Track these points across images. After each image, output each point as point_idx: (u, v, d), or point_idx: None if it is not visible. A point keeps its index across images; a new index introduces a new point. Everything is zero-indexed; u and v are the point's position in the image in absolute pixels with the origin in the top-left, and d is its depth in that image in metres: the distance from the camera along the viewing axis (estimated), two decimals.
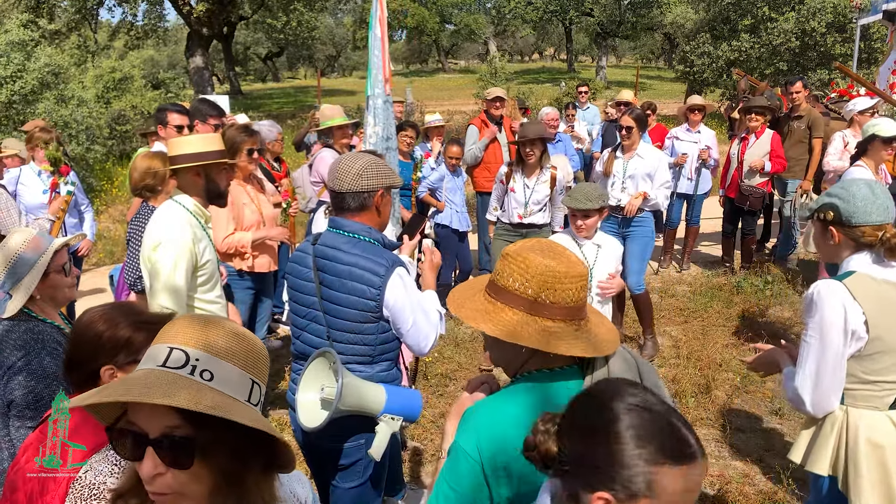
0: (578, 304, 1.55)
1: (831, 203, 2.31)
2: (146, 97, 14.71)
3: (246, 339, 1.22)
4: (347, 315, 2.47)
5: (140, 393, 1.07)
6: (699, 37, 20.28)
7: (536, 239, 1.63)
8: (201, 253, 3.01)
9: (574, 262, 1.55)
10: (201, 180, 3.04)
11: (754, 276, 7.03)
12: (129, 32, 25.13)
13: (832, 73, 16.90)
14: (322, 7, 30.25)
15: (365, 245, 2.48)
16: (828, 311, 2.22)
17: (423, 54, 51.86)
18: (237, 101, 25.11)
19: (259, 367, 1.22)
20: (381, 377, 2.53)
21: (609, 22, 34.02)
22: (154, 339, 1.20)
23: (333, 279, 2.47)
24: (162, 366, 1.13)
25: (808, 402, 2.28)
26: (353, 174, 2.48)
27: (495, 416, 1.50)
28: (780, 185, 7.57)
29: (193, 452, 1.11)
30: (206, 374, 1.14)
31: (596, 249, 3.83)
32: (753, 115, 6.91)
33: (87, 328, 1.78)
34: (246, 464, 1.17)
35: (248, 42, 42.75)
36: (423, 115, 17.38)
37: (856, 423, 2.27)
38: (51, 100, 10.95)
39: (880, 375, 2.26)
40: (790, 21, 17.94)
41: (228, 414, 1.09)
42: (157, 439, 1.10)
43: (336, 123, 5.32)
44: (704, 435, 4.32)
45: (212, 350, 1.16)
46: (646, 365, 1.62)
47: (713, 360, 5.25)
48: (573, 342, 1.52)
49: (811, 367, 2.26)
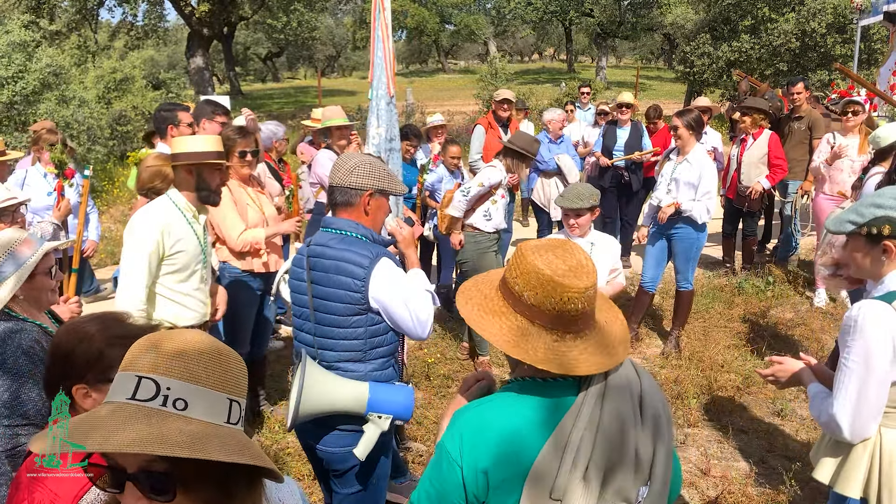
0: (562, 315, 1.46)
1: (887, 216, 2.12)
2: (147, 97, 14.70)
3: (219, 354, 1.15)
4: (335, 310, 2.48)
5: (102, 440, 1.02)
6: (699, 37, 20.27)
7: (559, 239, 1.56)
8: (171, 244, 3.18)
9: (573, 270, 1.45)
10: (192, 178, 3.21)
11: (755, 277, 7.04)
12: (129, 33, 25.13)
13: (832, 74, 16.91)
14: (322, 7, 30.29)
15: (352, 240, 2.52)
16: (874, 335, 2.06)
17: (422, 55, 51.86)
18: (238, 102, 25.08)
19: (236, 383, 1.15)
20: (374, 376, 2.52)
21: (609, 22, 34.03)
22: (122, 363, 1.13)
23: (321, 275, 2.51)
24: (131, 399, 1.07)
25: (846, 430, 2.14)
26: (346, 169, 2.54)
27: (478, 423, 1.48)
28: (780, 187, 7.57)
29: (175, 486, 1.07)
30: (180, 402, 1.08)
31: (590, 247, 3.88)
32: (740, 117, 6.93)
33: (58, 344, 1.71)
34: (230, 489, 1.13)
35: (248, 42, 42.76)
36: (424, 115, 17.40)
37: (891, 444, 2.15)
38: (52, 100, 10.95)
39: None
40: (790, 22, 17.95)
41: (205, 451, 1.03)
42: (135, 474, 1.06)
43: (335, 123, 5.33)
44: (707, 436, 4.33)
45: (183, 375, 1.09)
46: (651, 387, 1.52)
47: (715, 361, 5.26)
48: (538, 351, 1.45)
49: (852, 394, 2.11)
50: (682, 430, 4.41)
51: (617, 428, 1.43)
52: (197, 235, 3.31)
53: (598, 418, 1.42)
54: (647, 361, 5.46)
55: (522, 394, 1.49)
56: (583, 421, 1.42)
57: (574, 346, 1.46)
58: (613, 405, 1.44)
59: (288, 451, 4.17)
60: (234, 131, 4.14)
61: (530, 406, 1.47)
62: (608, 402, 1.44)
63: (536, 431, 1.43)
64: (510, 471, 1.42)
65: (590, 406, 1.43)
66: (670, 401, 4.73)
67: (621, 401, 1.45)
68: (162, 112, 4.45)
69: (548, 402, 1.47)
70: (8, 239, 2.40)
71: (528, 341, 1.46)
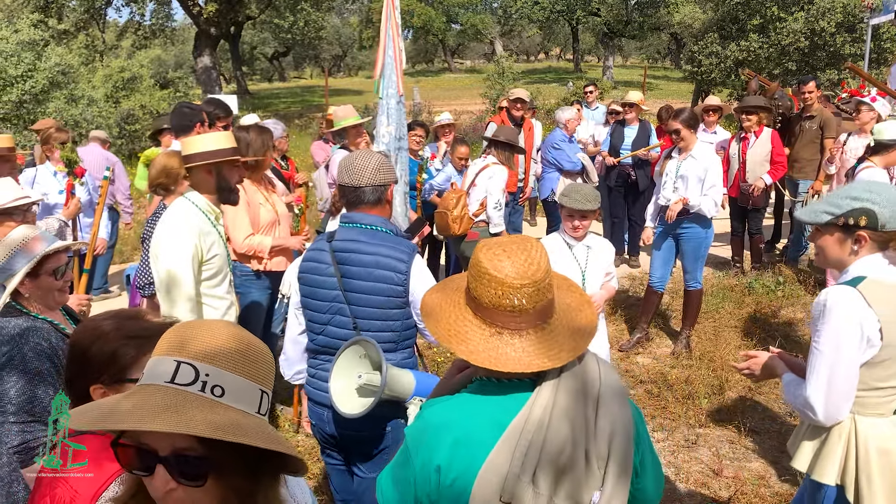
0: (499, 310, 1.43)
1: (864, 208, 2.17)
2: (155, 97, 14.76)
3: (253, 346, 1.17)
4: (374, 303, 2.56)
5: (154, 421, 1.03)
6: (707, 36, 20.19)
7: (517, 236, 1.55)
8: (207, 248, 3.09)
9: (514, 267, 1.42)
10: (212, 177, 3.13)
11: (766, 277, 7.00)
12: (136, 32, 25.21)
13: (842, 74, 16.82)
14: (329, 7, 30.30)
15: (383, 235, 2.60)
16: (842, 318, 2.13)
17: (428, 54, 51.85)
18: (244, 101, 25.14)
19: (267, 376, 1.18)
20: (404, 363, 2.60)
21: (616, 22, 33.94)
22: (154, 349, 1.14)
23: (359, 270, 2.56)
24: (170, 382, 1.08)
25: (819, 412, 2.19)
26: (372, 168, 2.61)
27: (437, 420, 1.49)
28: (791, 186, 7.54)
29: (207, 471, 1.08)
30: (217, 389, 1.09)
31: (587, 251, 3.81)
32: (745, 115, 6.89)
33: (75, 342, 1.70)
34: (258, 477, 1.15)
35: (255, 42, 42.86)
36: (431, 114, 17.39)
37: (865, 431, 2.20)
38: (61, 99, 10.99)
39: (888, 381, 2.20)
40: (799, 21, 17.86)
41: (245, 437, 1.05)
42: (168, 457, 1.07)
43: (349, 123, 5.32)
44: (718, 436, 4.31)
45: (221, 363, 1.11)
46: (612, 390, 1.48)
47: (726, 361, 5.22)
48: (471, 343, 1.44)
49: (823, 377, 2.17)
50: (693, 430, 4.39)
51: (566, 430, 1.40)
52: (222, 237, 3.25)
53: (548, 420, 1.39)
54: (657, 361, 5.43)
55: (479, 394, 1.49)
56: (532, 423, 1.39)
57: (511, 343, 1.43)
58: (564, 407, 1.41)
59: (298, 449, 4.17)
60: (262, 131, 4.16)
61: (484, 406, 1.46)
62: (559, 404, 1.41)
63: (488, 432, 1.42)
64: (460, 471, 1.42)
65: (540, 407, 1.41)
66: (681, 401, 4.71)
67: (574, 402, 1.42)
68: (186, 109, 4.39)
69: (501, 402, 1.45)
70: (21, 234, 2.42)
71: (466, 333, 1.46)
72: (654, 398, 4.80)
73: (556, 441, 1.39)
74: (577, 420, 1.41)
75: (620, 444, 1.43)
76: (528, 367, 1.40)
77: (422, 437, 1.48)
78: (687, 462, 4.06)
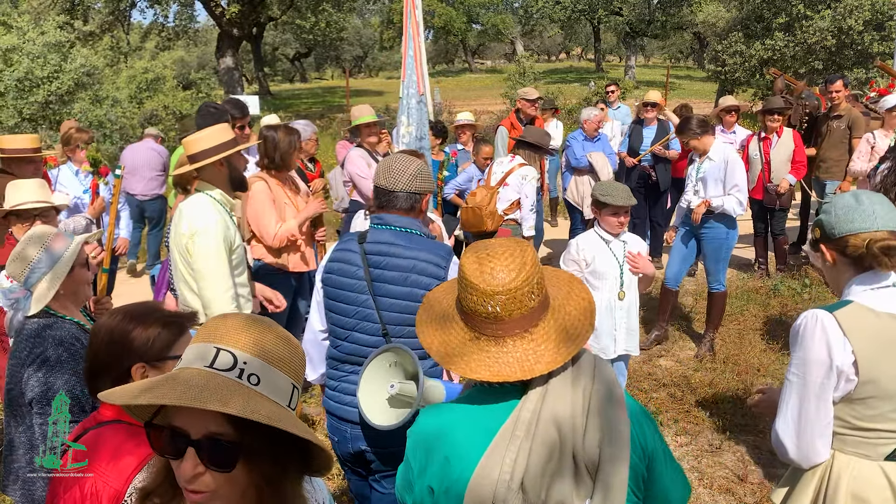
0: (475, 315, 1.41)
1: (818, 219, 2.06)
2: (177, 97, 14.91)
3: (290, 342, 1.20)
4: (409, 309, 2.43)
5: (195, 397, 1.05)
6: (731, 35, 19.94)
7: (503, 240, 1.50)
8: (232, 239, 3.12)
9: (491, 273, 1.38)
10: (225, 169, 3.14)
11: (792, 279, 6.88)
12: (160, 34, 25.51)
13: (870, 72, 16.52)
14: (350, 8, 30.40)
15: (418, 238, 2.50)
16: (811, 345, 1.93)
17: (449, 54, 51.86)
18: (266, 102, 25.31)
19: (298, 371, 1.21)
20: (431, 372, 2.47)
21: (638, 21, 33.66)
22: (196, 336, 1.18)
23: (394, 274, 2.45)
24: (209, 367, 1.11)
25: (790, 450, 1.99)
26: (410, 175, 2.51)
27: (428, 428, 1.48)
28: (818, 187, 7.41)
29: (237, 457, 1.09)
30: (254, 378, 1.12)
31: (623, 246, 3.84)
32: (774, 116, 6.76)
33: (111, 331, 1.73)
34: (286, 469, 1.16)
35: (277, 43, 43.16)
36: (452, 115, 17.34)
37: (840, 471, 1.97)
38: (86, 100, 11.13)
39: (875, 423, 1.93)
40: (826, 19, 17.55)
41: (283, 424, 1.07)
42: (200, 441, 1.08)
43: (363, 121, 5.32)
44: (743, 441, 4.23)
45: (259, 353, 1.13)
46: (607, 393, 1.42)
47: (751, 365, 5.14)
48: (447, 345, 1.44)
49: (793, 410, 1.98)
50: (717, 434, 4.31)
51: (554, 435, 1.36)
52: (238, 227, 3.30)
53: (535, 425, 1.36)
54: (680, 364, 5.35)
55: (472, 400, 1.47)
56: (520, 428, 1.36)
57: (485, 349, 1.40)
58: (553, 411, 1.37)
59: None
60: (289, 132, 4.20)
61: (476, 413, 1.44)
62: (547, 408, 1.37)
63: (479, 439, 1.40)
64: (453, 479, 1.40)
65: (528, 412, 1.37)
66: (704, 405, 4.64)
67: (562, 406, 1.38)
68: (211, 108, 4.42)
69: (492, 408, 1.43)
70: (42, 232, 2.41)
71: (445, 331, 1.47)
72: (676, 402, 4.73)
73: (543, 447, 1.35)
74: (564, 424, 1.36)
75: (613, 448, 1.38)
76: (496, 377, 1.37)
77: (418, 442, 1.49)
78: (711, 467, 3.99)
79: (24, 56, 10.32)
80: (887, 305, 1.93)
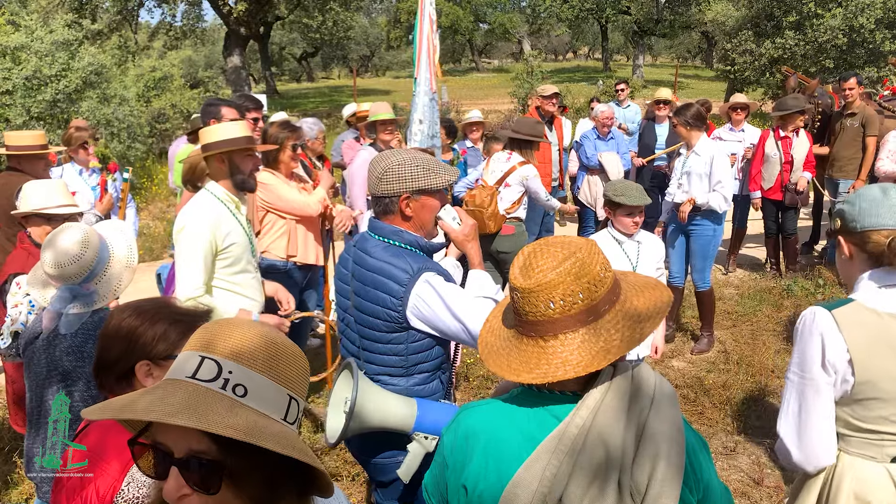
0: (517, 311, 1.36)
1: (840, 209, 1.98)
2: (185, 96, 14.90)
3: (285, 348, 1.10)
4: (374, 325, 2.28)
5: (162, 412, 0.96)
6: (741, 34, 19.81)
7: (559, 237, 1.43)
8: (223, 237, 3.13)
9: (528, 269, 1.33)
10: (225, 166, 3.17)
11: (805, 280, 6.80)
12: (168, 33, 25.55)
13: (882, 71, 16.39)
14: (357, 6, 30.39)
15: (394, 249, 2.28)
16: (808, 342, 1.89)
17: (456, 54, 51.79)
18: (273, 101, 25.32)
19: (298, 381, 1.10)
20: (416, 391, 2.32)
21: (646, 20, 33.52)
22: (188, 342, 1.10)
23: (360, 287, 2.32)
24: (191, 377, 1.03)
25: (793, 453, 1.92)
26: (375, 177, 2.30)
27: (467, 426, 1.43)
28: (830, 186, 7.32)
29: (222, 477, 1.01)
30: (240, 388, 1.03)
31: (637, 246, 3.82)
32: (794, 116, 6.67)
33: (119, 326, 1.69)
34: (278, 491, 1.06)
35: (284, 42, 43.19)
36: (460, 113, 17.29)
37: (843, 472, 1.92)
38: (94, 99, 11.11)
39: (876, 424, 1.88)
40: (837, 17, 17.41)
41: (261, 440, 0.97)
42: (183, 460, 1.00)
43: (380, 118, 5.28)
44: (759, 444, 4.16)
45: (247, 361, 1.04)
46: (663, 412, 1.31)
47: (765, 366, 5.07)
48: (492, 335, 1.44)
49: (794, 408, 1.92)
50: (731, 437, 4.24)
51: (601, 455, 1.26)
52: (243, 226, 3.29)
53: (583, 441, 1.26)
54: (693, 365, 5.28)
55: (517, 403, 1.40)
56: (565, 443, 1.27)
57: (518, 347, 1.36)
58: (603, 428, 1.27)
59: (326, 450, 4.11)
60: (283, 127, 4.16)
61: (519, 417, 1.37)
62: (598, 423, 1.27)
63: (520, 445, 1.32)
64: (488, 483, 1.34)
65: (576, 427, 1.27)
66: (718, 406, 4.57)
67: (615, 423, 1.27)
68: (207, 107, 4.44)
69: (537, 414, 1.35)
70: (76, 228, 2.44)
71: (497, 324, 1.46)
72: (690, 403, 4.66)
73: (587, 467, 1.26)
74: (613, 446, 1.26)
75: (665, 477, 1.27)
76: (517, 377, 1.32)
77: (454, 442, 1.43)
78: (726, 470, 3.92)
79: (31, 54, 10.32)
80: (893, 306, 1.87)
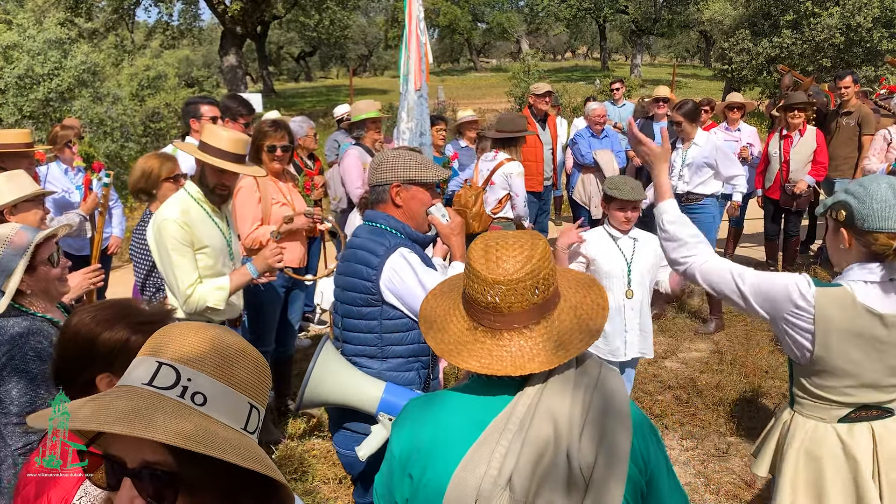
0: (475, 303, 1.36)
1: (845, 202, 2.01)
2: (179, 95, 14.85)
3: (246, 353, 1.06)
4: (351, 299, 2.41)
5: (108, 419, 0.91)
6: (738, 33, 19.78)
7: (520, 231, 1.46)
8: (199, 236, 3.04)
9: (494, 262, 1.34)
10: (198, 171, 3.12)
11: None
12: (164, 32, 25.48)
13: (879, 70, 16.36)
14: (355, 6, 30.32)
15: (379, 231, 2.45)
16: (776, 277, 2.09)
17: (454, 53, 51.72)
18: (270, 100, 25.26)
19: (260, 389, 1.07)
20: (389, 376, 2.38)
21: (644, 19, 33.50)
22: (143, 347, 1.05)
23: (343, 265, 2.48)
24: (147, 384, 0.98)
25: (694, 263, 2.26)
26: (372, 168, 2.52)
27: (413, 413, 1.44)
28: (826, 185, 7.26)
29: (177, 490, 0.96)
30: (199, 396, 0.98)
31: (633, 243, 3.72)
32: (796, 112, 6.57)
33: (76, 332, 1.58)
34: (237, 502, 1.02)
35: (281, 41, 43.12)
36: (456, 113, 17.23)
37: (795, 430, 2.19)
38: (87, 97, 11.06)
39: (827, 393, 2.10)
40: (834, 16, 17.38)
41: (215, 450, 0.93)
42: (136, 471, 0.96)
43: (370, 116, 5.22)
44: (751, 445, 4.10)
45: (207, 368, 1.00)
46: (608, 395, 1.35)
47: (758, 367, 5.02)
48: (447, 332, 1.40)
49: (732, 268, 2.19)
50: (724, 438, 4.20)
51: (548, 431, 1.29)
52: (220, 229, 3.18)
53: (530, 420, 1.30)
54: (686, 366, 5.24)
55: (467, 391, 1.41)
56: (513, 422, 1.30)
57: (481, 340, 1.35)
58: (549, 407, 1.31)
59: (313, 454, 4.06)
60: (267, 124, 4.09)
61: (467, 404, 1.38)
62: (543, 404, 1.31)
63: (467, 430, 1.33)
64: (436, 470, 1.33)
65: (523, 406, 1.32)
66: (711, 407, 4.52)
67: (560, 403, 1.31)
68: (186, 106, 4.38)
69: (486, 401, 1.38)
70: (4, 232, 2.32)
71: (448, 319, 1.44)
72: (682, 404, 4.61)
73: (535, 443, 1.27)
74: (561, 421, 1.30)
75: (609, 462, 1.29)
76: (486, 370, 1.32)
77: (402, 435, 1.42)
78: (717, 472, 3.87)
79: (24, 53, 10.27)
80: (872, 299, 1.97)
